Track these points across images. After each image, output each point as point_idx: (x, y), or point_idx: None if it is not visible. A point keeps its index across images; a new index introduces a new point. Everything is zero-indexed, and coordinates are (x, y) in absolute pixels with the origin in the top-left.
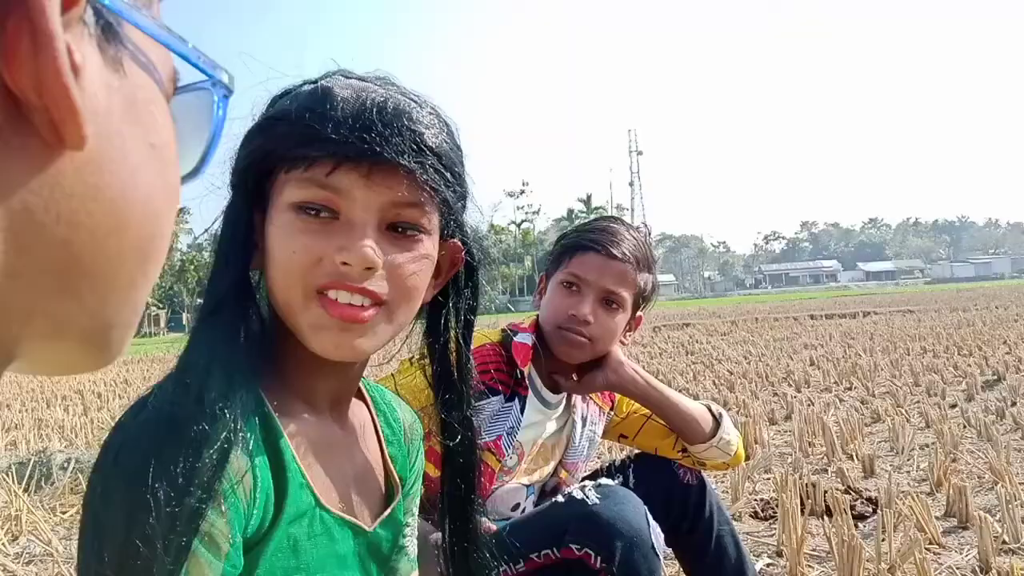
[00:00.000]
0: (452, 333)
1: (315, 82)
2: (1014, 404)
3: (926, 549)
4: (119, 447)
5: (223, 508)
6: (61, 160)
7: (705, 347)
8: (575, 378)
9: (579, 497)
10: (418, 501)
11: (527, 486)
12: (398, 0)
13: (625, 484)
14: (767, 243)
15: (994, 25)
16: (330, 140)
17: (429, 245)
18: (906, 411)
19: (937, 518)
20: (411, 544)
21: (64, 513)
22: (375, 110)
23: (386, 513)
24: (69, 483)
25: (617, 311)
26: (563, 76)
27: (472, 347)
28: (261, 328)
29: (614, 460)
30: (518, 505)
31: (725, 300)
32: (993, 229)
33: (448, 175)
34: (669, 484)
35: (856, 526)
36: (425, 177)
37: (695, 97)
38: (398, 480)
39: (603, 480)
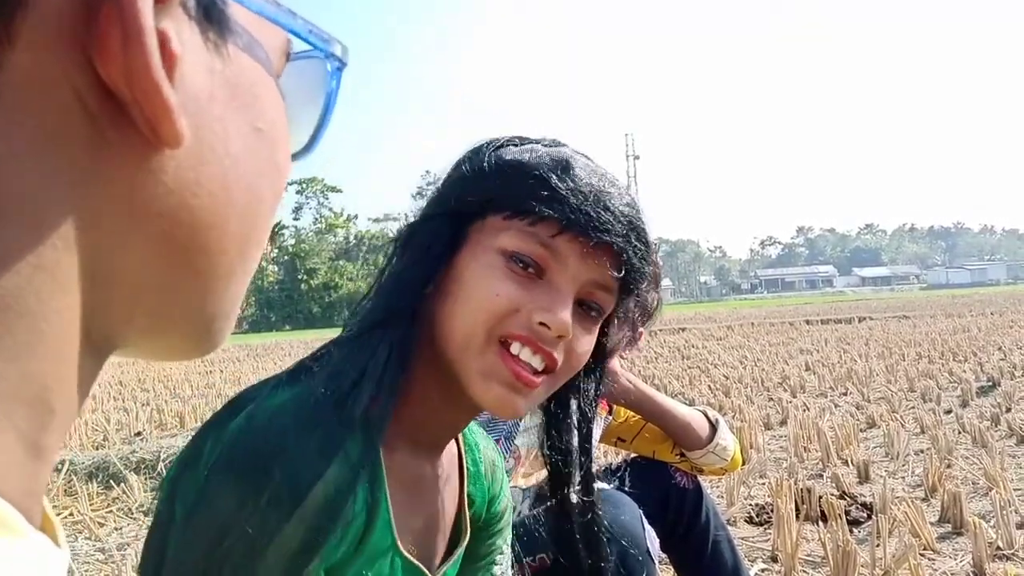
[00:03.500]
0: (573, 416)
1: (548, 145)
2: (1009, 410)
3: (920, 555)
4: (248, 422)
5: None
6: (160, 154)
7: (701, 352)
8: None
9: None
10: (508, 536)
11: (523, 490)
12: (395, 3)
13: (621, 488)
14: (763, 248)
15: (992, 32)
16: (568, 205)
17: (598, 327)
18: (901, 417)
19: (932, 524)
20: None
21: (58, 515)
22: (613, 194)
23: (451, 560)
24: (63, 485)
25: (624, 323)
26: (561, 80)
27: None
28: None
29: (610, 464)
30: (514, 509)
31: (721, 304)
32: (988, 235)
33: (646, 268)
34: (665, 488)
35: (851, 531)
36: (633, 267)
37: (692, 101)
38: (468, 523)
39: (598, 484)
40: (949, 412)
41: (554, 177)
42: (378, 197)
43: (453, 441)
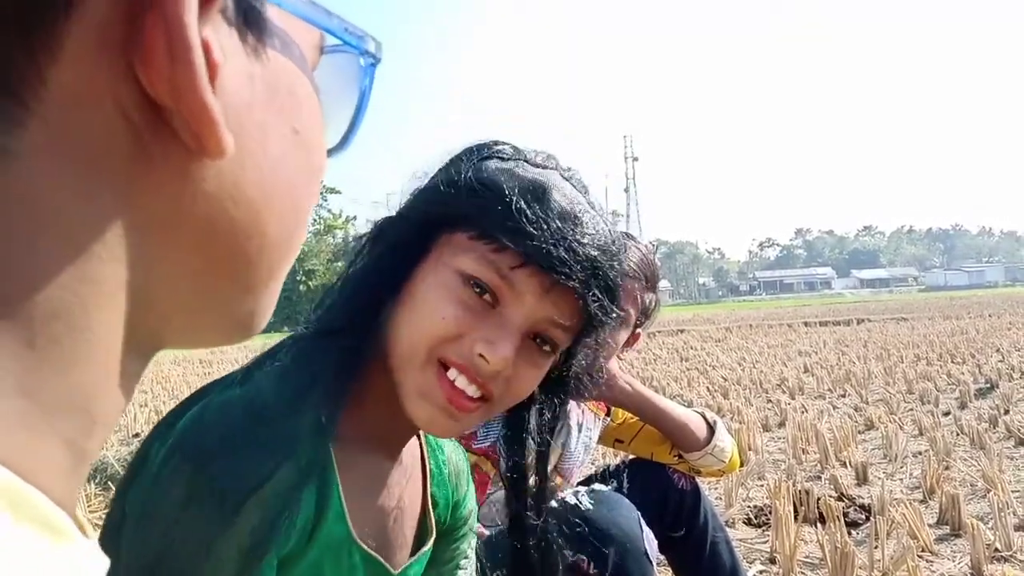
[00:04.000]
0: (531, 443)
1: (532, 163)
2: (1007, 412)
3: (919, 556)
4: (196, 420)
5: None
6: (202, 164)
7: (700, 353)
8: None
9: (572, 503)
10: (473, 540)
11: None
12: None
13: (619, 489)
14: (762, 250)
15: (990, 34)
16: (532, 240)
17: (551, 361)
18: (899, 418)
19: (930, 526)
20: None
21: None
22: (580, 234)
23: (415, 557)
24: None
25: (621, 327)
26: (559, 82)
27: None
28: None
29: (609, 465)
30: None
31: (720, 306)
32: (987, 237)
33: (612, 313)
34: (664, 489)
35: (849, 533)
36: (594, 313)
37: (691, 103)
38: (434, 523)
39: (596, 486)
40: (947, 414)
41: (524, 206)
42: (378, 197)
43: (416, 441)
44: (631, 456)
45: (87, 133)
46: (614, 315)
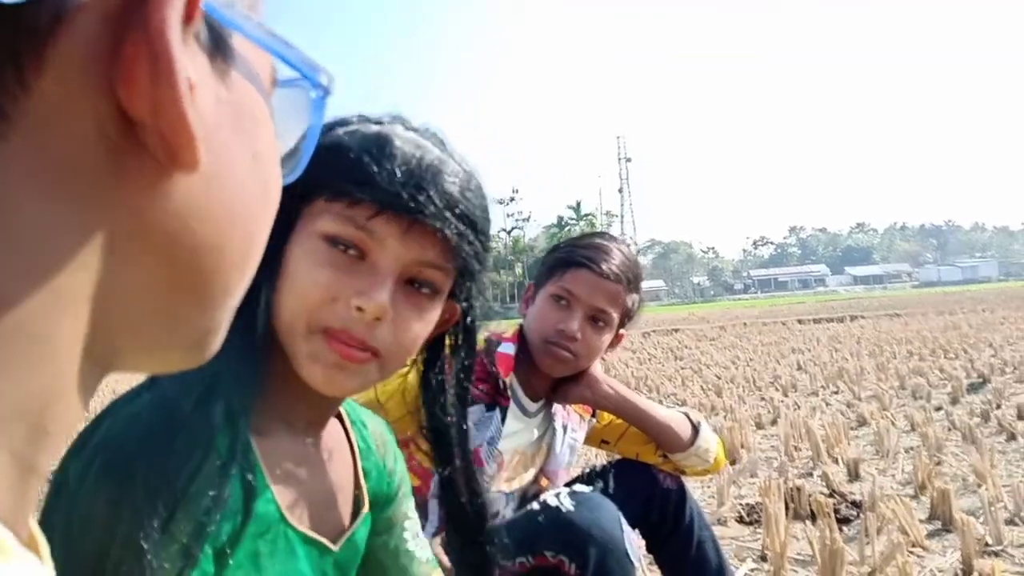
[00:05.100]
0: (449, 392)
1: (376, 122)
2: (999, 406)
3: (909, 552)
4: (107, 433)
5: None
6: (171, 180)
7: (694, 352)
8: (551, 390)
9: (553, 504)
10: (411, 504)
11: (507, 494)
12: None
13: (605, 489)
14: (756, 248)
15: (981, 30)
16: (381, 187)
17: (437, 306)
18: (891, 414)
19: (921, 521)
20: (416, 545)
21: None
22: (429, 171)
23: (350, 531)
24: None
25: (604, 329)
26: (552, 84)
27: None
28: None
29: (595, 466)
30: (497, 513)
31: (714, 305)
32: (980, 233)
33: (479, 246)
34: (649, 489)
35: (841, 529)
36: (458, 246)
37: (684, 103)
38: (367, 495)
39: (577, 487)
40: (939, 409)
41: (368, 158)
42: None
43: (338, 422)
44: (617, 456)
45: (65, 147)
46: (480, 246)
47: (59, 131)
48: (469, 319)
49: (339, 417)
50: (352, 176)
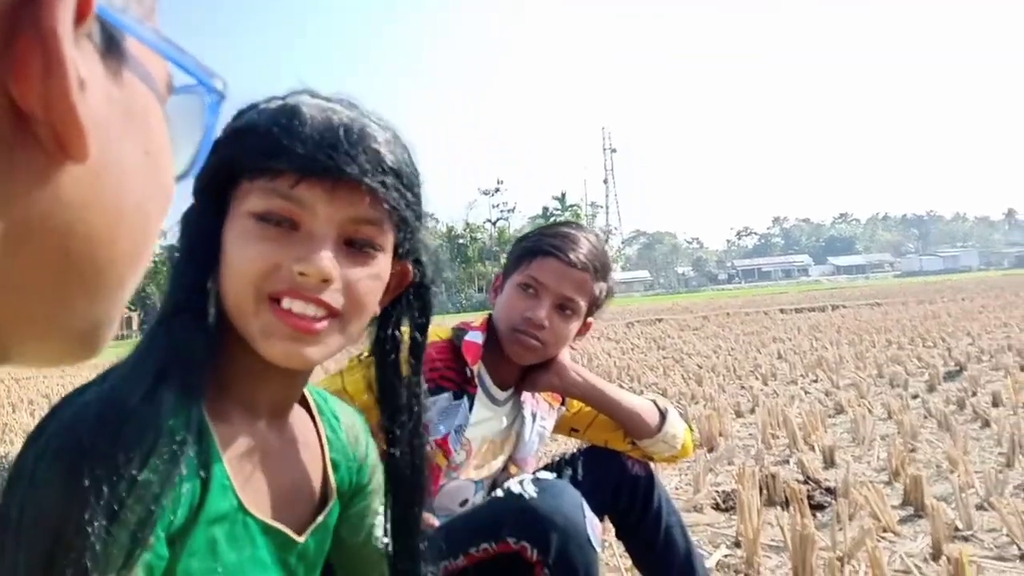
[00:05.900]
0: (402, 351)
1: (282, 98)
2: (974, 394)
3: (880, 537)
4: (59, 424)
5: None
6: (61, 172)
7: (676, 342)
8: (519, 379)
9: (516, 491)
10: (381, 497)
11: (475, 482)
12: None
13: (574, 476)
14: (740, 239)
15: (963, 21)
16: (296, 154)
17: (383, 262)
18: (869, 402)
19: (894, 507)
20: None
21: None
22: (341, 129)
23: (317, 521)
24: None
25: (572, 318)
26: (537, 74)
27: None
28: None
29: (564, 453)
30: (466, 501)
31: (698, 295)
32: (961, 223)
33: (408, 195)
34: (618, 476)
35: (815, 516)
36: (386, 197)
37: (668, 94)
38: (334, 487)
39: (541, 473)
40: (916, 397)
41: (276, 128)
42: None
43: (306, 412)
44: (586, 444)
45: None
46: (412, 196)
47: None
48: (421, 277)
49: (308, 409)
50: (266, 150)
